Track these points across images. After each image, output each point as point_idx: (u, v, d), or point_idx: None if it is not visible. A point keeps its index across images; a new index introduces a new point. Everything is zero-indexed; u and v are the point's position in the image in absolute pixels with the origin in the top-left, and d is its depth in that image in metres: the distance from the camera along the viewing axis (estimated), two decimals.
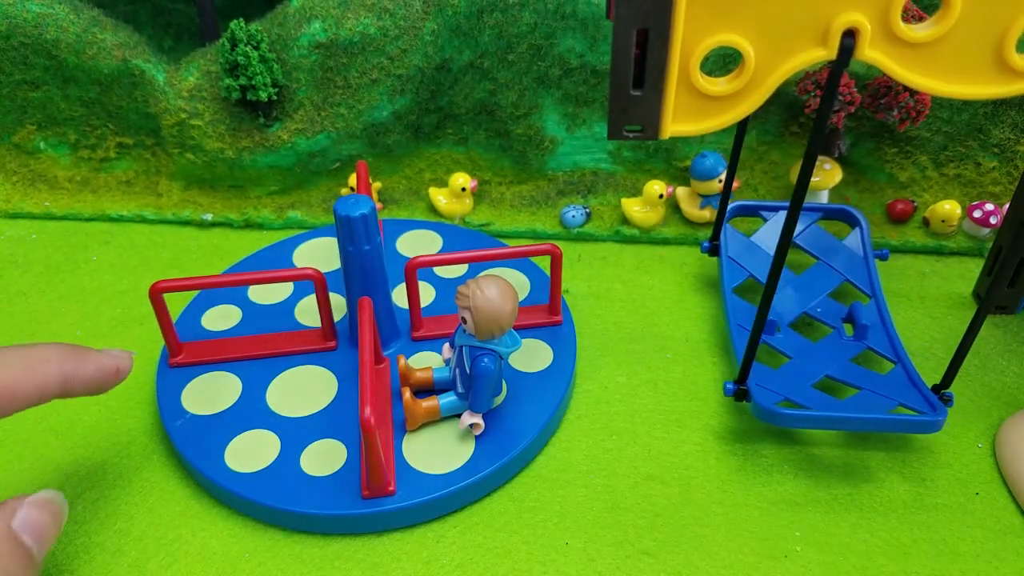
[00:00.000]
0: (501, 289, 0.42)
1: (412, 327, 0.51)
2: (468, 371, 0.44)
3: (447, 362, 0.49)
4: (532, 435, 0.46)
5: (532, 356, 0.50)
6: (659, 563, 0.42)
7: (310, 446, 0.45)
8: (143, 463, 0.47)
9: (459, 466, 0.44)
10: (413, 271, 0.49)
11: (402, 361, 0.47)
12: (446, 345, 0.50)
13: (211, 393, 0.48)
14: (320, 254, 0.59)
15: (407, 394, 0.45)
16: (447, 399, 0.46)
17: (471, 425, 0.45)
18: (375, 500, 0.42)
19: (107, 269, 0.61)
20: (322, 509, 0.42)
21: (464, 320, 0.42)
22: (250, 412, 0.47)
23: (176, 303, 0.54)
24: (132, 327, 0.56)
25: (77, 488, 0.46)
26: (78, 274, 0.61)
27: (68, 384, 0.38)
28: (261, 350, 0.51)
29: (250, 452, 0.45)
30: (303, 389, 0.49)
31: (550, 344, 0.51)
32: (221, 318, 0.54)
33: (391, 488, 0.43)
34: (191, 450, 0.45)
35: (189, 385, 0.49)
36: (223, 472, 0.44)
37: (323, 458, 0.45)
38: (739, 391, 0.45)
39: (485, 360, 0.43)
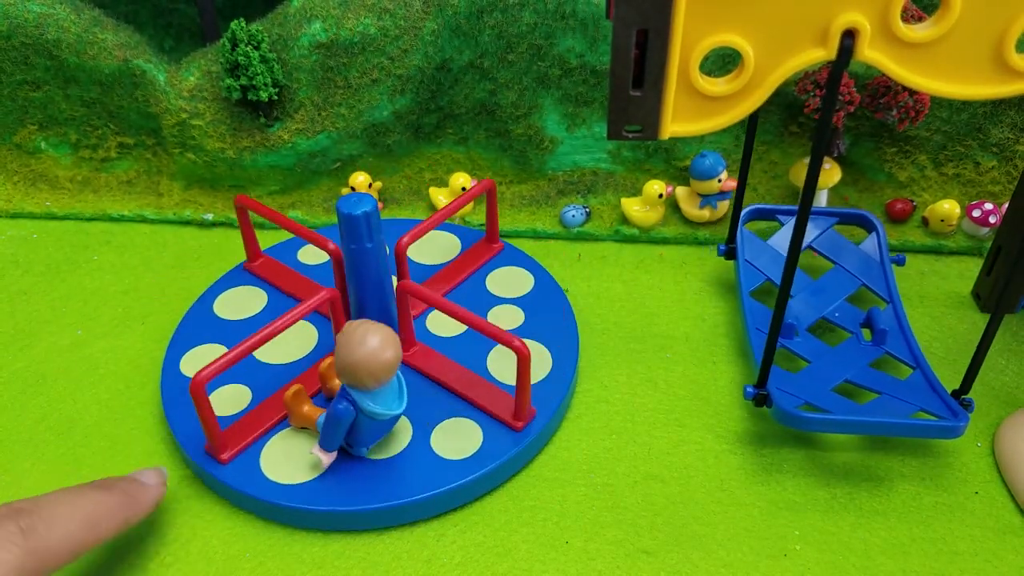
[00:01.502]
0: (367, 343, 0.39)
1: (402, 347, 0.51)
2: None
3: None
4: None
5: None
6: (659, 562, 0.42)
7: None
8: (144, 463, 0.47)
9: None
10: (404, 295, 0.48)
11: (324, 363, 0.47)
12: None
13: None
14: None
15: (292, 391, 0.45)
16: (323, 418, 0.43)
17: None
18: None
19: (108, 269, 0.62)
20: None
21: None
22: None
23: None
24: (133, 327, 0.56)
25: None
26: (79, 274, 0.61)
27: (122, 532, 0.40)
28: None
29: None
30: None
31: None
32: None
33: (223, 456, 0.44)
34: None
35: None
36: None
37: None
38: (759, 395, 0.45)
39: (340, 406, 0.41)
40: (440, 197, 0.65)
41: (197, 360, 0.51)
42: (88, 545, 0.37)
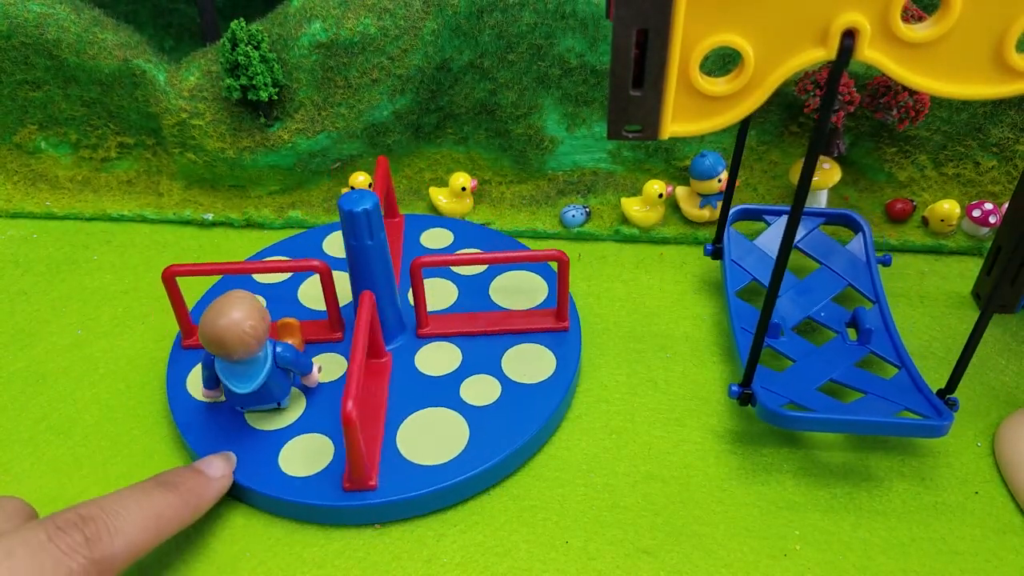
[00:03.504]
0: (212, 309, 0.41)
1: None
2: None
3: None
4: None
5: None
6: (659, 562, 0.42)
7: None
8: (144, 463, 0.47)
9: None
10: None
11: (280, 322, 0.50)
12: None
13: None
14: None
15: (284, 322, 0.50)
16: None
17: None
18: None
19: (108, 269, 0.62)
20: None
21: None
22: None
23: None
24: (134, 326, 0.56)
25: (78, 488, 0.46)
26: (79, 273, 0.61)
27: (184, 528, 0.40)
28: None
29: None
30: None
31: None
32: None
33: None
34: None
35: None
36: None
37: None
38: (744, 395, 0.45)
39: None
40: (440, 197, 0.65)
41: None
42: (150, 548, 0.37)
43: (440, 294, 0.55)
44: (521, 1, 0.59)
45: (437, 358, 0.50)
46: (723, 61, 0.59)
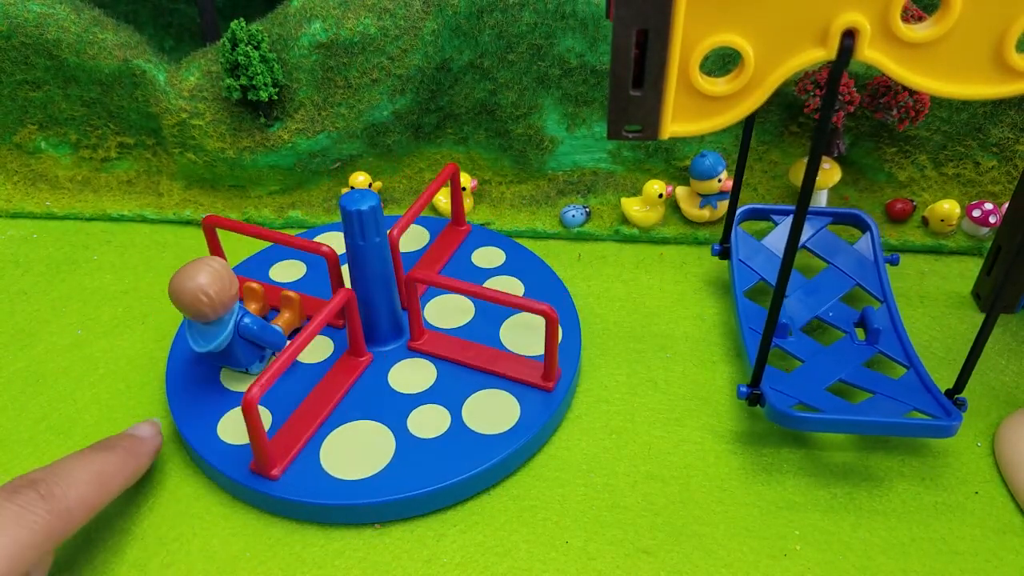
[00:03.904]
0: (181, 269, 0.44)
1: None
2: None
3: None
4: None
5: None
6: (659, 562, 0.42)
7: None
8: None
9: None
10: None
11: (285, 292, 0.51)
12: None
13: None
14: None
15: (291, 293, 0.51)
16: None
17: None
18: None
19: (108, 269, 0.62)
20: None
21: None
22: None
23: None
24: (133, 326, 0.56)
25: None
26: (79, 274, 0.61)
27: (128, 487, 0.42)
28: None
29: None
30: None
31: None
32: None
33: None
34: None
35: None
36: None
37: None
38: (752, 395, 0.45)
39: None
40: (440, 197, 0.65)
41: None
42: (102, 503, 0.39)
43: (455, 312, 0.54)
44: (521, 1, 0.59)
45: (412, 374, 0.49)
46: (723, 61, 0.59)
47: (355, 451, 0.45)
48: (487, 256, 0.59)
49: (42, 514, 0.36)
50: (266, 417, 0.47)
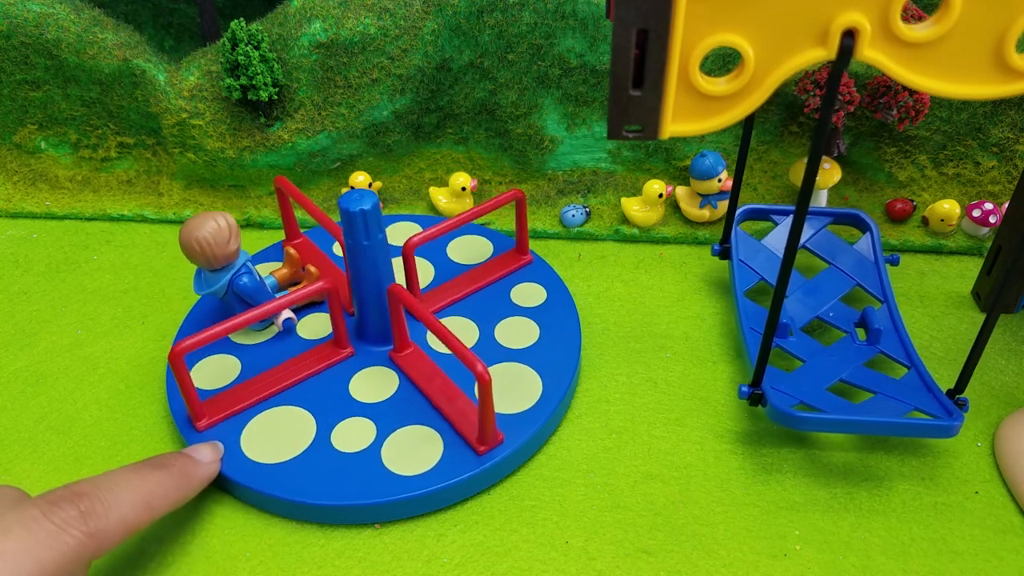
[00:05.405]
0: (194, 216, 0.48)
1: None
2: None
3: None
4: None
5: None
6: (659, 562, 0.42)
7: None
8: None
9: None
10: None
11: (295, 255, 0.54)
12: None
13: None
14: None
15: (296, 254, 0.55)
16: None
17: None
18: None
19: (108, 269, 0.62)
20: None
21: None
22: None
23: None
24: (133, 326, 0.56)
25: None
26: (79, 273, 0.61)
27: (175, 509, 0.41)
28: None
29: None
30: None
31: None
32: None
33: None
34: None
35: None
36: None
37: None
38: (754, 395, 0.45)
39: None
40: (440, 197, 0.65)
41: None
42: (142, 526, 0.38)
43: (461, 333, 0.52)
44: (521, 1, 0.59)
45: (374, 382, 0.49)
46: (723, 61, 0.59)
47: (276, 435, 0.46)
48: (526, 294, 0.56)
49: (77, 535, 0.34)
50: (235, 368, 0.50)
